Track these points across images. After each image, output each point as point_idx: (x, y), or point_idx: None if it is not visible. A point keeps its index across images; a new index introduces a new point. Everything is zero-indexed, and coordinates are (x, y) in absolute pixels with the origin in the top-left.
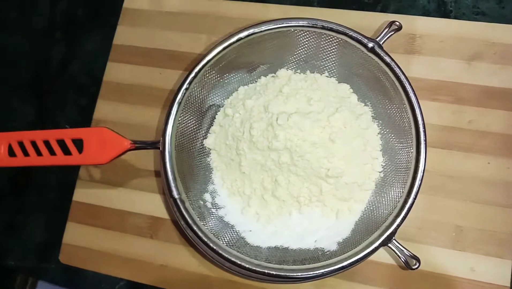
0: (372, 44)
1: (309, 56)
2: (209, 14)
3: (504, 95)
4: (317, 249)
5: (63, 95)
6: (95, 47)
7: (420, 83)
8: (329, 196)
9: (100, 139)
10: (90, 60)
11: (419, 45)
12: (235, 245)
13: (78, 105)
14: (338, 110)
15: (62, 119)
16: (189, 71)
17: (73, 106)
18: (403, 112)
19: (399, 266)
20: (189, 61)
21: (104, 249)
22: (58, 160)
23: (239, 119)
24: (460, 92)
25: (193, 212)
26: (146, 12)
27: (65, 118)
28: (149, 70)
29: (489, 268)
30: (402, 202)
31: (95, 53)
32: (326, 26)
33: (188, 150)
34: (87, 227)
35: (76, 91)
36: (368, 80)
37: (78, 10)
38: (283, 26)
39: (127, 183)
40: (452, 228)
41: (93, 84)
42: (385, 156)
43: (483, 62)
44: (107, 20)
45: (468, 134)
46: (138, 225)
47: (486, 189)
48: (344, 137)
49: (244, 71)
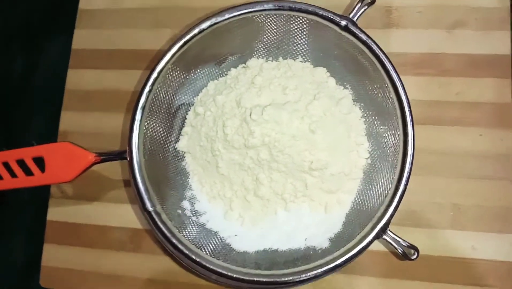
0: (345, 22)
1: (280, 41)
2: (170, 7)
3: (491, 62)
4: (308, 248)
5: (29, 109)
6: (56, 54)
7: (402, 58)
8: (315, 189)
9: (63, 155)
10: (53, 69)
11: (397, 18)
12: (220, 253)
13: (45, 118)
14: (316, 97)
15: (30, 134)
16: (150, 72)
17: (40, 119)
18: (385, 92)
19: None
20: (154, 59)
21: (87, 268)
22: (20, 182)
23: (211, 117)
24: (444, 63)
25: (170, 224)
26: (104, 12)
27: (33, 133)
28: (113, 73)
29: (490, 245)
30: (393, 189)
31: (57, 61)
32: (294, 7)
33: (160, 156)
34: (66, 246)
35: (41, 103)
36: (346, 61)
37: (33, 17)
38: (247, 12)
39: (102, 196)
40: (449, 207)
41: (58, 94)
42: (371, 140)
43: (466, 29)
44: (65, 24)
45: (457, 107)
46: (119, 239)
47: (481, 163)
48: (325, 125)
49: (212, 65)
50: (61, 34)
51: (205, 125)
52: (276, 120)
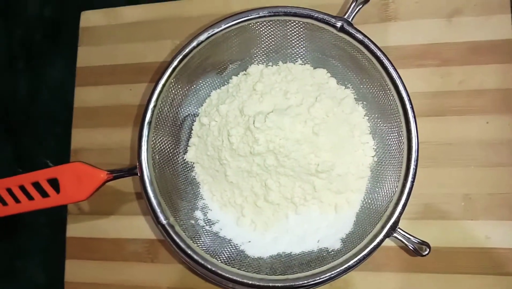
0: (340, 23)
1: (278, 46)
2: (169, 18)
3: (493, 48)
4: (321, 249)
5: (38, 128)
6: (60, 71)
7: (402, 51)
8: (324, 191)
9: (76, 175)
10: (58, 86)
11: (394, 10)
12: (235, 260)
13: (55, 136)
14: (317, 99)
15: (41, 153)
16: (153, 87)
17: (50, 138)
18: (386, 90)
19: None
20: (157, 71)
21: (108, 281)
22: (37, 204)
23: (216, 127)
24: (445, 53)
25: (184, 235)
26: (105, 28)
27: (44, 152)
28: (118, 88)
29: (505, 233)
30: (401, 187)
31: (61, 78)
32: (289, 12)
33: (170, 168)
34: (87, 261)
35: (50, 121)
36: (345, 60)
37: (36, 36)
38: (244, 20)
39: (117, 209)
40: (460, 197)
41: (65, 111)
42: (376, 138)
43: (465, 16)
44: (68, 42)
45: (461, 96)
46: (137, 251)
47: (489, 150)
48: (329, 127)
49: (214, 74)
50: (64, 52)
51: (211, 135)
52: (279, 126)
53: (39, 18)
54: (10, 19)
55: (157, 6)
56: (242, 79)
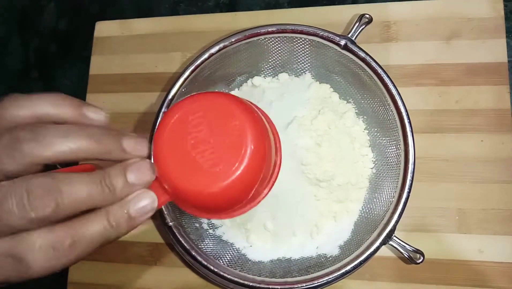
0: (344, 41)
1: (284, 61)
2: (179, 31)
3: (488, 69)
4: (319, 255)
5: None
6: (73, 80)
7: (402, 70)
8: (324, 200)
9: None
10: (71, 94)
11: (395, 32)
12: (237, 263)
13: None
14: (320, 112)
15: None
16: (164, 96)
17: None
18: (386, 106)
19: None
20: (167, 82)
21: (110, 283)
22: None
23: None
24: (443, 73)
25: (190, 237)
26: (117, 39)
27: None
28: (128, 96)
29: (497, 248)
30: (397, 197)
31: (74, 87)
32: (296, 29)
33: None
34: (90, 262)
35: None
36: (347, 76)
37: (51, 45)
38: (253, 35)
39: None
40: (455, 212)
41: None
42: (375, 151)
43: (462, 39)
44: (81, 51)
45: (457, 115)
46: (140, 253)
47: (483, 167)
48: (330, 138)
49: (223, 85)
50: (77, 61)
51: None
52: (283, 139)
53: (54, 30)
54: (27, 30)
55: (168, 20)
56: (249, 91)
